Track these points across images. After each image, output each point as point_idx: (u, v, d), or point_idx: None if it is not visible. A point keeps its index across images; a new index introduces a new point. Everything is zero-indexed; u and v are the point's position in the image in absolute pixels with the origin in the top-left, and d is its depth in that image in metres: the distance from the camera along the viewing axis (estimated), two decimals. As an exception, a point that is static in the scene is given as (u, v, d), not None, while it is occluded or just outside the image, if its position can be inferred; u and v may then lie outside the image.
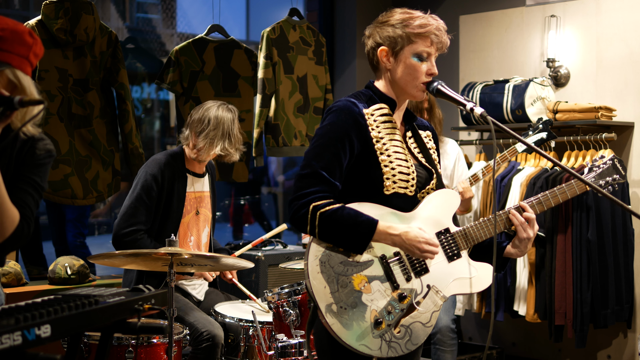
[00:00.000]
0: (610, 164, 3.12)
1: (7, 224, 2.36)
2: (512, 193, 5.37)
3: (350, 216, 2.68)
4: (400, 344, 2.71)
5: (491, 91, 5.63)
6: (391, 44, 2.82)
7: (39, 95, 2.44)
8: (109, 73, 5.08)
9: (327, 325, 2.64)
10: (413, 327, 2.74)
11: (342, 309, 2.66)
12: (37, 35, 2.43)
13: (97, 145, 5.03)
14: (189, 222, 4.23)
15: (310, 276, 2.67)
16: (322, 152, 2.73)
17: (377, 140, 2.79)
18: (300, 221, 2.71)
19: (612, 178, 3.11)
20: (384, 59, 2.84)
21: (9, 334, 1.83)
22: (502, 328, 6.02)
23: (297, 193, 2.72)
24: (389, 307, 2.72)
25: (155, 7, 11.15)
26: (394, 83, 2.86)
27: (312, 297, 2.66)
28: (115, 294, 2.27)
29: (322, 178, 2.71)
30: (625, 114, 5.40)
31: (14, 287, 4.58)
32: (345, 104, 2.79)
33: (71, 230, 5.60)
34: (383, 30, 2.83)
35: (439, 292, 2.80)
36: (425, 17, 2.82)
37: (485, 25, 6.11)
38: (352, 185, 2.79)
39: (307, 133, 5.85)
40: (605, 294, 5.13)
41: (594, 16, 5.56)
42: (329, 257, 2.70)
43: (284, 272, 5.31)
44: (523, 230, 2.87)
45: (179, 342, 3.71)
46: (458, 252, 2.86)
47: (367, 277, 2.71)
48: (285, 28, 5.74)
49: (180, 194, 4.17)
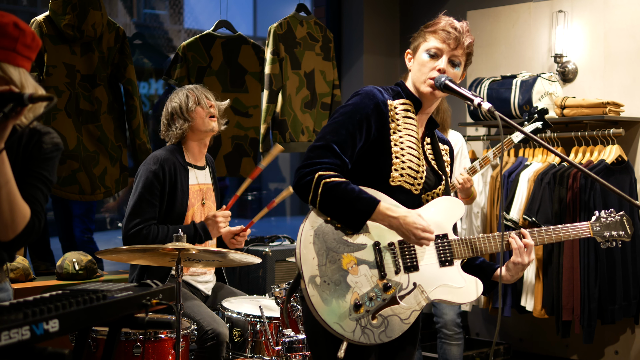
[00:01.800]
0: (619, 219, 3.12)
1: (18, 220, 2.37)
2: (519, 189, 5.36)
3: (354, 191, 2.69)
4: (374, 332, 2.70)
5: (499, 87, 5.63)
6: (412, 44, 2.94)
7: (35, 87, 2.44)
8: (116, 69, 5.09)
9: (307, 295, 2.65)
10: (391, 319, 2.74)
11: (325, 284, 2.67)
12: (26, 26, 2.41)
13: (105, 141, 5.04)
14: (195, 214, 4.23)
15: (301, 244, 2.69)
16: (338, 128, 2.76)
17: (394, 132, 2.82)
18: (303, 188, 2.72)
19: (618, 233, 3.12)
20: (407, 60, 2.96)
21: (18, 328, 1.84)
22: (510, 324, 6.02)
23: (306, 161, 2.73)
24: (372, 294, 2.72)
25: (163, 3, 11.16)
26: (413, 82, 2.92)
27: (298, 265, 2.67)
28: (123, 289, 2.28)
29: (333, 151, 2.73)
30: (633, 109, 5.39)
31: (22, 282, 4.59)
32: (372, 90, 2.85)
33: (79, 226, 5.61)
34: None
35: (424, 292, 2.81)
36: (447, 18, 2.92)
37: (492, 20, 6.10)
38: (361, 171, 2.81)
39: (315, 129, 5.85)
40: (613, 290, 5.12)
41: (602, 11, 5.55)
42: (324, 230, 2.71)
43: (291, 268, 5.32)
44: (519, 254, 2.91)
45: (186, 337, 3.72)
46: (451, 259, 2.88)
47: (357, 259, 2.72)
48: (292, 24, 5.74)
49: (184, 186, 4.17)
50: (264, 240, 5.54)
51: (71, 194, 4.92)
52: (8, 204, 2.32)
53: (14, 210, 2.34)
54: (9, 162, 2.33)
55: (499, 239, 2.91)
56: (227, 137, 5.55)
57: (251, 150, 5.66)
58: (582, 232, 3.05)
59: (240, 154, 5.63)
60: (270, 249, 5.30)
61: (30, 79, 2.46)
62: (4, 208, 2.32)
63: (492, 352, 2.92)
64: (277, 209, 5.07)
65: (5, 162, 2.31)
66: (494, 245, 2.91)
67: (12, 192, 2.33)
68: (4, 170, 2.31)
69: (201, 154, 4.33)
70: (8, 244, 2.42)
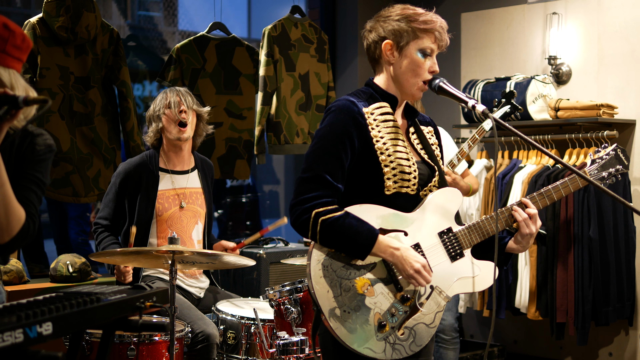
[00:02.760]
0: (613, 154, 3.09)
1: (14, 223, 2.36)
2: (513, 191, 5.37)
3: (352, 225, 2.65)
4: (404, 345, 2.70)
5: (493, 89, 5.63)
6: (396, 37, 2.78)
7: (26, 88, 2.43)
8: (110, 71, 5.08)
9: (331, 329, 2.63)
10: (417, 328, 2.73)
11: (346, 313, 2.65)
12: (16, 26, 2.39)
13: (99, 143, 5.03)
14: (169, 218, 4.23)
15: (312, 280, 2.65)
16: (322, 154, 2.71)
17: (377, 140, 2.76)
18: (302, 227, 2.69)
19: (615, 169, 3.08)
20: (387, 52, 2.80)
21: (11, 331, 1.83)
22: (504, 326, 6.02)
23: (299, 198, 2.69)
24: (393, 310, 2.70)
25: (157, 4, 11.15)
26: (396, 79, 2.83)
27: (315, 301, 2.65)
28: (116, 292, 2.27)
29: (324, 182, 2.68)
30: (626, 112, 5.40)
31: (16, 284, 4.58)
32: (344, 104, 2.76)
33: (74, 228, 5.60)
34: (387, 24, 2.80)
35: (442, 292, 2.79)
36: (429, 13, 2.81)
37: (486, 22, 6.11)
38: (353, 186, 2.77)
39: (309, 131, 5.85)
40: (607, 292, 5.13)
41: (596, 13, 5.56)
42: (331, 261, 2.68)
43: (286, 270, 5.31)
44: (526, 226, 2.85)
45: (180, 340, 3.71)
46: (461, 251, 2.83)
47: (370, 280, 2.70)
48: (286, 26, 5.74)
49: (150, 193, 4.20)
50: (259, 243, 5.53)
51: (65, 196, 4.91)
52: (3, 207, 2.32)
53: (9, 213, 2.34)
54: (2, 164, 2.32)
55: (501, 216, 2.88)
56: (221, 139, 5.54)
57: (245, 152, 5.66)
58: (581, 180, 2.94)
59: (234, 156, 5.62)
60: (265, 251, 5.29)
61: (21, 80, 2.45)
62: None
63: (486, 354, 2.91)
64: (271, 211, 5.07)
65: (0, 164, 2.30)
66: (499, 224, 2.87)
67: (8, 194, 2.32)
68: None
69: (180, 158, 4.32)
70: (3, 247, 2.41)
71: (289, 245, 5.58)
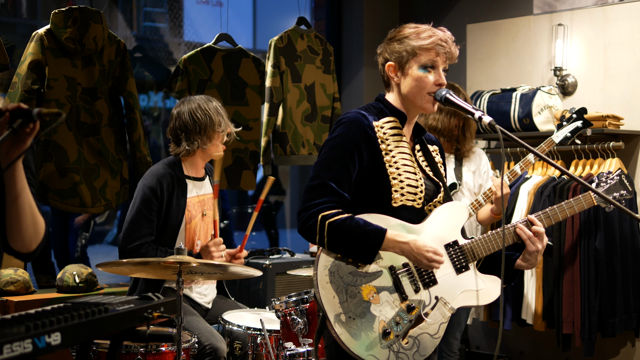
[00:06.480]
0: (618, 179, 3.13)
1: (40, 229, 2.37)
2: (519, 202, 5.37)
3: (359, 226, 2.70)
4: (408, 354, 2.72)
5: (498, 100, 5.64)
6: (397, 58, 2.88)
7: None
8: (117, 82, 5.10)
9: (336, 335, 2.65)
10: (421, 338, 2.75)
11: (351, 319, 2.67)
12: None
13: (106, 154, 5.05)
14: (196, 226, 4.24)
15: (319, 286, 2.68)
16: (331, 163, 2.76)
17: (386, 153, 2.82)
18: (309, 231, 2.72)
19: (620, 194, 3.12)
20: (391, 74, 2.90)
21: (20, 341, 1.84)
22: (510, 337, 6.01)
23: (306, 204, 2.74)
24: (397, 318, 2.73)
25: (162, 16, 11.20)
26: (404, 97, 2.90)
27: (321, 306, 2.68)
28: (124, 302, 2.28)
29: (330, 189, 2.73)
30: (632, 123, 5.40)
31: (23, 295, 4.59)
32: (355, 116, 2.82)
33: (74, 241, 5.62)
34: (390, 46, 2.90)
35: (447, 303, 2.81)
36: (432, 29, 2.86)
37: (492, 34, 6.12)
38: (361, 197, 2.81)
39: (315, 142, 5.86)
40: (613, 303, 5.12)
41: (601, 25, 5.56)
42: (338, 267, 2.71)
43: (292, 281, 5.31)
44: (532, 243, 2.89)
45: (187, 350, 3.71)
46: (466, 264, 2.87)
47: (376, 287, 2.72)
48: (292, 37, 5.76)
49: (181, 202, 4.17)
50: (264, 253, 5.54)
51: (72, 206, 4.92)
52: (31, 215, 2.32)
53: (36, 221, 2.34)
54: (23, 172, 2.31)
55: (507, 232, 2.90)
56: (227, 150, 5.54)
57: (251, 163, 5.67)
58: (586, 202, 3.03)
59: (241, 166, 5.63)
60: (271, 261, 5.30)
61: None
62: (27, 220, 2.32)
63: (493, 366, 2.93)
64: (277, 222, 5.08)
65: (21, 172, 2.29)
66: (505, 239, 2.91)
67: (30, 201, 2.32)
68: (21, 184, 2.29)
69: (198, 166, 4.33)
70: (31, 254, 2.41)
71: (295, 256, 5.58)
